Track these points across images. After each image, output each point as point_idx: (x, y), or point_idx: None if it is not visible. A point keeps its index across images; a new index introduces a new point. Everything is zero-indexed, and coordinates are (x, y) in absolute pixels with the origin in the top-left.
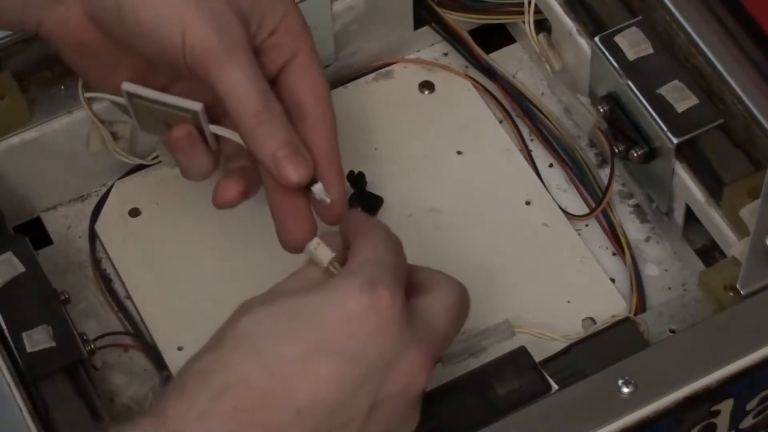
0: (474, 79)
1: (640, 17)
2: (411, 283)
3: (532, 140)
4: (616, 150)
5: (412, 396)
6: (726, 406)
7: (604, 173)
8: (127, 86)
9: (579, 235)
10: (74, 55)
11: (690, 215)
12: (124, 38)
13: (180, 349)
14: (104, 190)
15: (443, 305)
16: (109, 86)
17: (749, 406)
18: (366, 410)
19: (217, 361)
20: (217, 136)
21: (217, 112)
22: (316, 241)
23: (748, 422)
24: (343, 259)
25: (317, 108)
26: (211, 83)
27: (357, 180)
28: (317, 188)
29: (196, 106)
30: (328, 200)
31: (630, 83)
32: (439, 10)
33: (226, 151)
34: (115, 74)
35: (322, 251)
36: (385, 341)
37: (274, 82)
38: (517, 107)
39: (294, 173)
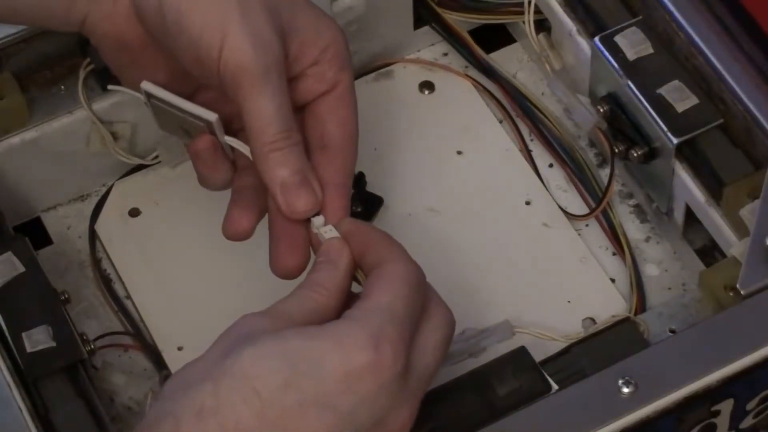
0: (474, 79)
1: (640, 17)
2: None
3: (532, 140)
4: (616, 150)
5: None
6: (726, 406)
7: (604, 173)
8: (147, 86)
9: (579, 235)
10: (115, 52)
11: (690, 215)
12: (164, 39)
13: (180, 348)
14: (104, 190)
15: (436, 344)
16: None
17: (749, 406)
18: None
19: (215, 398)
20: (232, 147)
21: (235, 126)
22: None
23: (748, 422)
24: (349, 279)
25: (343, 143)
26: (238, 100)
27: (357, 180)
28: (317, 221)
29: (211, 116)
30: (324, 237)
31: (630, 83)
32: (439, 10)
33: (240, 164)
34: (151, 74)
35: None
36: (380, 402)
37: (304, 107)
38: (517, 107)
39: (299, 203)
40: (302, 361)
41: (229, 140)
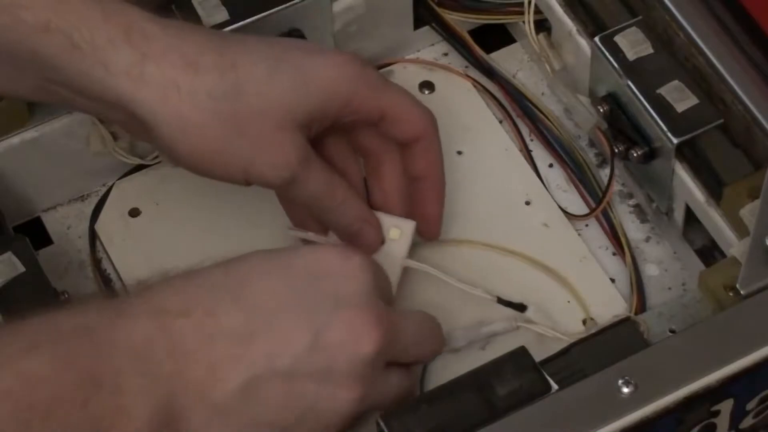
0: (474, 79)
1: (640, 17)
2: None
3: (532, 140)
4: (616, 150)
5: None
6: (726, 406)
7: (604, 173)
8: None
9: (579, 235)
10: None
11: (690, 215)
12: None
13: None
14: (104, 190)
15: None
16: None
17: (749, 406)
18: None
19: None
20: None
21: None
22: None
23: (748, 422)
24: None
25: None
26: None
27: None
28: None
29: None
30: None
31: (630, 83)
32: (439, 10)
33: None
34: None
35: None
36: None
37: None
38: (517, 107)
39: (365, 243)
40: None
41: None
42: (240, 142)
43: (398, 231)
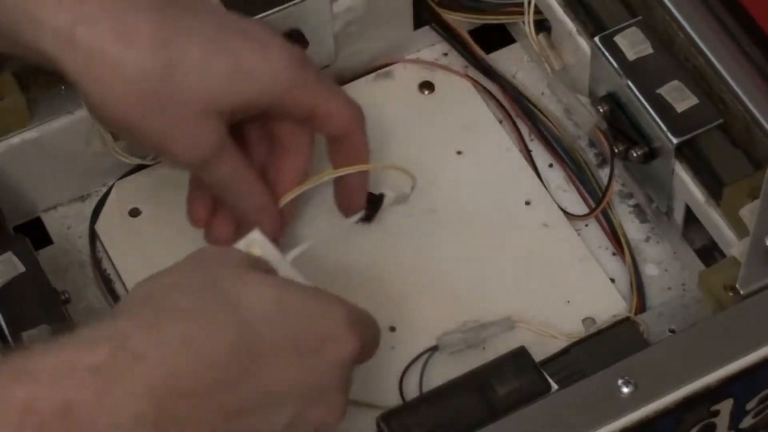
0: (474, 80)
1: (640, 17)
2: None
3: (532, 140)
4: (616, 150)
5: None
6: (726, 406)
7: (604, 173)
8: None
9: (579, 235)
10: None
11: (690, 215)
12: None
13: None
14: (104, 190)
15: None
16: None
17: (749, 406)
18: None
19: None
20: None
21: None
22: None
23: (747, 422)
24: None
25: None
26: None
27: None
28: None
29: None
30: None
31: (630, 83)
32: (439, 10)
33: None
34: None
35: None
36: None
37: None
38: (517, 107)
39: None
40: (289, 307)
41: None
42: (157, 121)
43: (256, 245)
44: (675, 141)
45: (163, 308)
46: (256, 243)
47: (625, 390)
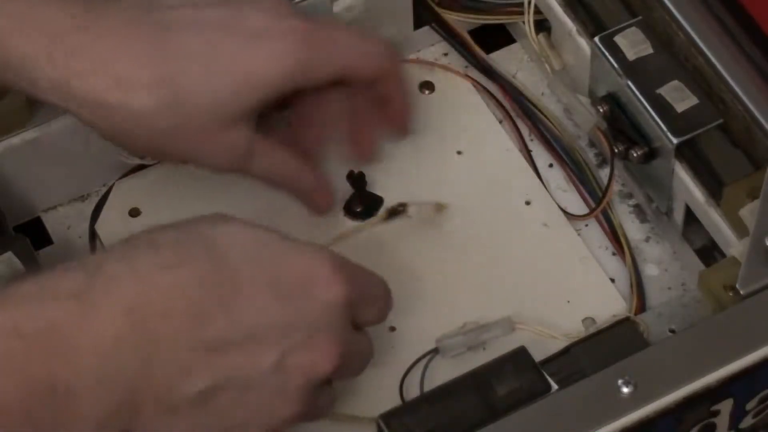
0: (474, 79)
1: (640, 17)
2: None
3: (532, 140)
4: (616, 150)
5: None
6: (726, 406)
7: (604, 173)
8: None
9: (579, 235)
10: None
11: (690, 215)
12: None
13: None
14: (104, 190)
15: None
16: None
17: (749, 406)
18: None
19: (175, 238)
20: None
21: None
22: None
23: (747, 422)
24: None
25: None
26: None
27: (357, 180)
28: None
29: None
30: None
31: (630, 83)
32: (439, 10)
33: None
34: None
35: None
36: (316, 316)
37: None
38: (517, 107)
39: (314, 207)
40: (267, 247)
41: None
42: (179, 146)
43: None
44: (675, 141)
45: (138, 244)
46: None
47: (625, 390)
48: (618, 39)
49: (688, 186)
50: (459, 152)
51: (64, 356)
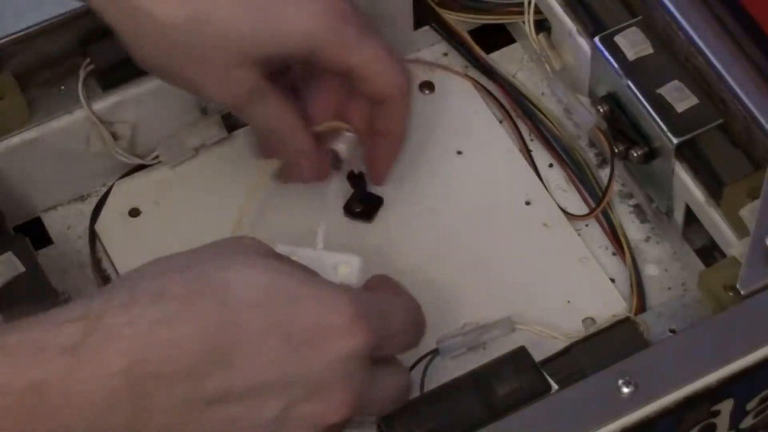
0: (474, 79)
1: (640, 17)
2: None
3: (532, 140)
4: (616, 150)
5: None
6: (726, 406)
7: (604, 173)
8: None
9: (579, 235)
10: None
11: (690, 215)
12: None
13: None
14: (104, 190)
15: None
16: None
17: (749, 406)
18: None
19: (184, 286)
20: None
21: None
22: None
23: (748, 422)
24: None
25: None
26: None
27: (357, 180)
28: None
29: None
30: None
31: (630, 83)
32: (439, 10)
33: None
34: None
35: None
36: (331, 368)
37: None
38: (517, 107)
39: (298, 173)
40: (281, 294)
41: None
42: (190, 70)
43: (348, 267)
44: (675, 141)
45: (140, 289)
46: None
47: (625, 390)
48: (618, 39)
49: (688, 186)
50: (459, 152)
51: (55, 413)
